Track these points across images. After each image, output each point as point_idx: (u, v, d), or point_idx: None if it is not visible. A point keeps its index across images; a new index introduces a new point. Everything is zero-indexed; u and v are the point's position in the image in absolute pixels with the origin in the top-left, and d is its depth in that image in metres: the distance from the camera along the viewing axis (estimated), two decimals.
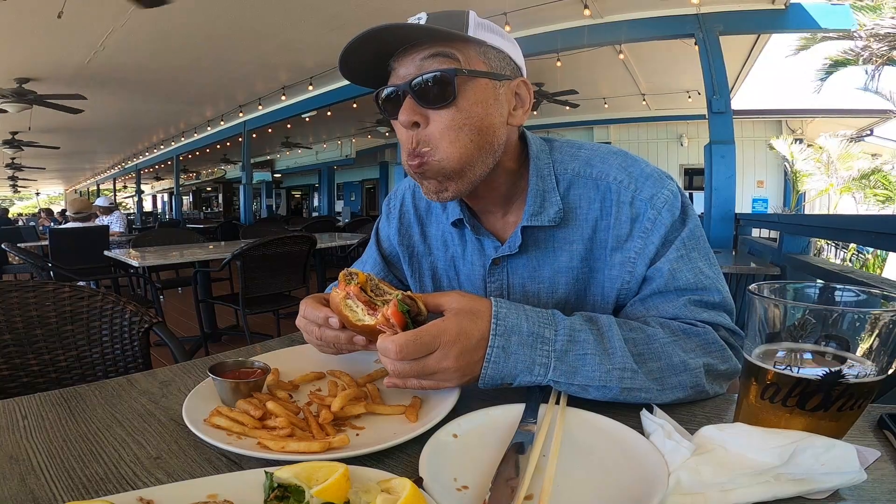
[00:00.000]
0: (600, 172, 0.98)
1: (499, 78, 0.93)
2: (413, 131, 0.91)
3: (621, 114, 12.80)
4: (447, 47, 0.88)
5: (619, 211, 0.96)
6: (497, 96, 0.93)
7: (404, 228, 1.21)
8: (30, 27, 6.74)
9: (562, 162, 1.02)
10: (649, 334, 0.84)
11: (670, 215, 0.93)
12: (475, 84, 0.90)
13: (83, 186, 35.27)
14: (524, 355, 0.77)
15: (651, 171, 0.97)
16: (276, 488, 0.54)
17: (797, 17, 6.50)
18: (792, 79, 10.24)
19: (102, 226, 7.11)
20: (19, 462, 0.67)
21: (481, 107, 0.90)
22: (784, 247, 4.20)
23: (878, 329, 0.58)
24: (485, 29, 0.93)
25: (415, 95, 0.89)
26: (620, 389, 0.78)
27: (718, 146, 5.96)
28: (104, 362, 1.44)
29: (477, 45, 0.91)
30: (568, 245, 1.00)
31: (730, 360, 0.88)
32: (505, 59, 0.95)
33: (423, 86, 0.88)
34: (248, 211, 14.08)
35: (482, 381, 0.78)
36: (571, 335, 0.79)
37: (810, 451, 0.56)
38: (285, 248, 4.22)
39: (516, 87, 0.97)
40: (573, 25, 7.15)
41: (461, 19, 0.91)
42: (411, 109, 0.89)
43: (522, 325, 0.78)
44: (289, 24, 7.33)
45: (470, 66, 0.89)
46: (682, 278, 0.91)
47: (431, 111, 0.89)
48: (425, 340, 0.73)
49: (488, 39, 0.92)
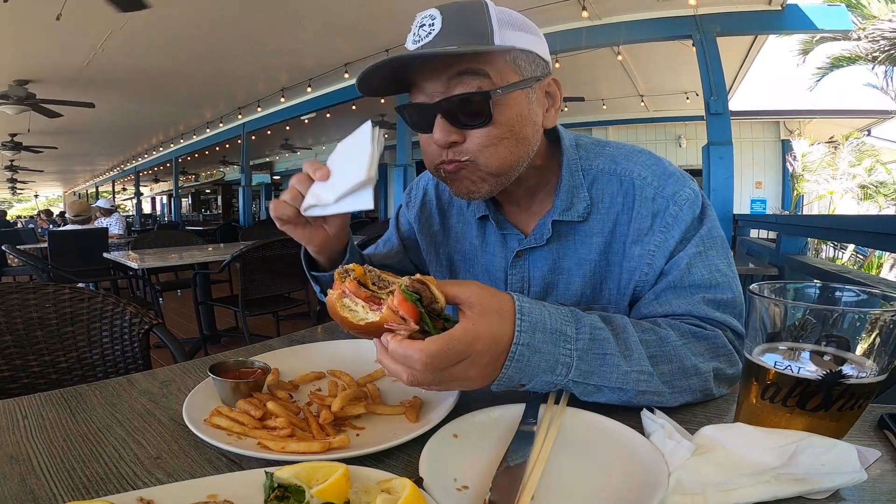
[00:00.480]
0: (625, 169, 0.99)
1: (531, 84, 0.91)
2: (447, 148, 0.89)
3: (620, 115, 12.82)
4: (475, 63, 0.85)
5: (640, 205, 0.96)
6: (531, 103, 0.91)
7: (425, 217, 1.22)
8: (29, 29, 6.73)
9: (587, 158, 1.03)
10: (662, 336, 0.82)
11: (691, 212, 0.93)
12: (510, 98, 0.87)
13: (82, 189, 35.26)
14: (548, 353, 0.71)
15: (674, 170, 0.98)
16: (276, 488, 0.54)
17: (794, 19, 6.53)
18: (789, 80, 10.29)
19: (101, 228, 7.10)
20: (19, 462, 0.67)
21: (518, 118, 0.89)
22: (782, 247, 4.20)
23: (879, 329, 0.58)
24: (509, 27, 0.88)
25: (447, 115, 0.87)
26: (636, 392, 0.76)
27: (716, 147, 5.98)
28: (104, 363, 1.44)
29: (506, 54, 0.87)
30: (588, 238, 1.01)
31: (737, 364, 0.88)
32: (534, 59, 0.91)
33: (456, 107, 0.86)
34: (247, 213, 14.08)
35: (499, 381, 0.71)
36: (592, 333, 0.75)
37: (810, 451, 0.56)
38: (284, 250, 4.21)
39: (546, 86, 0.95)
40: (571, 27, 7.16)
41: (482, 20, 0.85)
42: (447, 130, 0.87)
43: (546, 320, 0.72)
44: (288, 25, 7.32)
45: (501, 79, 0.86)
46: (698, 273, 0.91)
47: (467, 130, 0.88)
48: (458, 349, 0.64)
49: (516, 42, 0.87)
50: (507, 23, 0.87)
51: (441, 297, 0.67)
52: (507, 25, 0.87)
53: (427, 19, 0.86)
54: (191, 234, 6.78)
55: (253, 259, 4.00)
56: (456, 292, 0.69)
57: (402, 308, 0.64)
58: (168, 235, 6.04)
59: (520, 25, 0.90)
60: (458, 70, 0.84)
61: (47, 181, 31.65)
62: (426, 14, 0.87)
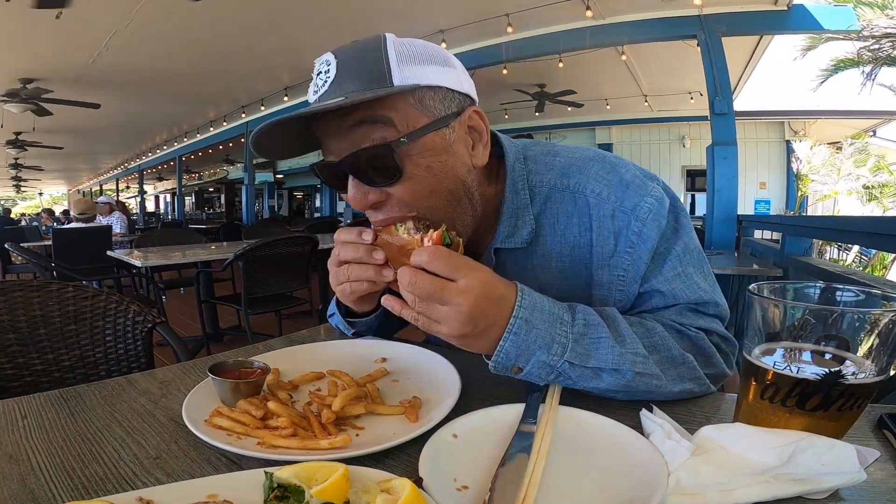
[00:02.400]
0: (577, 184, 0.92)
1: (444, 123, 0.82)
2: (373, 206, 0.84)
3: (623, 115, 12.81)
4: (373, 111, 0.77)
5: (600, 226, 0.90)
6: (450, 144, 0.83)
7: None
8: (33, 28, 6.76)
9: (537, 173, 0.95)
10: (648, 328, 0.84)
11: (657, 226, 0.88)
12: (421, 145, 0.80)
13: (86, 187, 35.35)
14: (545, 331, 0.74)
15: (631, 177, 0.90)
16: (275, 488, 0.54)
17: (800, 19, 6.50)
18: (794, 80, 10.23)
19: (105, 226, 7.14)
20: (19, 462, 0.67)
21: (439, 165, 0.82)
22: (786, 248, 4.19)
23: (878, 329, 0.57)
24: (412, 61, 0.79)
25: (357, 176, 0.81)
26: (634, 374, 0.77)
27: (721, 147, 5.96)
28: (107, 362, 1.44)
29: (409, 95, 0.79)
30: (547, 263, 0.95)
31: (715, 365, 0.88)
32: (446, 95, 0.83)
33: (362, 163, 0.79)
34: (250, 211, 14.12)
35: (497, 356, 0.75)
36: (586, 319, 0.78)
37: (810, 451, 0.56)
38: (287, 248, 4.22)
39: (468, 121, 0.86)
40: (575, 27, 7.17)
41: (378, 58, 0.78)
42: (362, 191, 0.81)
43: (544, 304, 0.76)
44: (291, 25, 7.34)
45: (408, 124, 0.78)
46: (682, 296, 0.89)
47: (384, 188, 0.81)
48: (458, 262, 0.71)
49: (421, 79, 0.79)
50: (408, 58, 0.79)
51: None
52: (409, 60, 0.79)
53: (323, 66, 0.80)
54: (194, 232, 6.80)
55: (256, 257, 4.01)
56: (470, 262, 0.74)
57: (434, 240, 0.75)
58: (171, 234, 6.05)
59: (427, 58, 0.81)
60: (355, 120, 0.78)
61: (52, 179, 31.77)
62: (322, 60, 0.81)
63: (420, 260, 0.71)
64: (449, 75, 0.83)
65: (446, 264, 0.71)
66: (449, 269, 0.71)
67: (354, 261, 0.84)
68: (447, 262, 0.71)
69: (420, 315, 0.73)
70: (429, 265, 0.71)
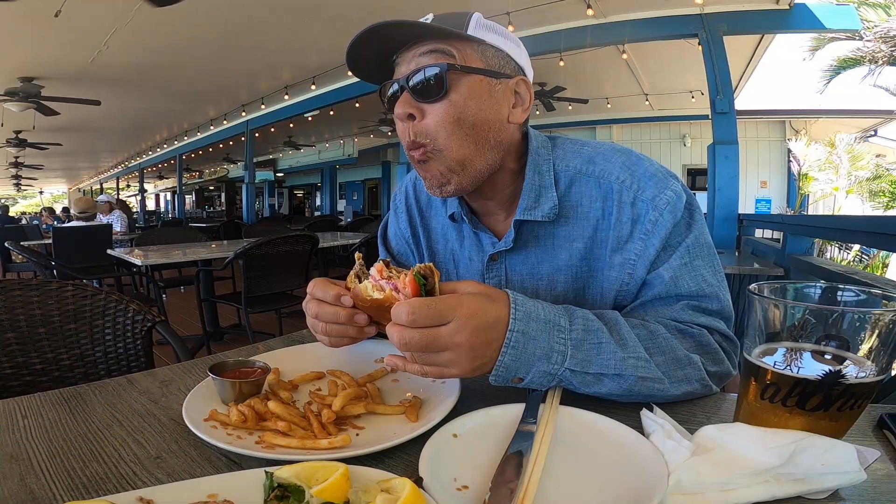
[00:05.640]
0: (602, 171, 0.97)
1: (495, 76, 0.93)
2: (408, 123, 0.92)
3: (624, 114, 12.80)
4: (443, 44, 0.90)
5: (620, 211, 0.94)
6: (493, 93, 0.93)
7: (413, 220, 1.21)
8: (33, 26, 6.76)
9: (564, 158, 1.01)
10: (652, 330, 0.84)
11: (672, 217, 0.91)
12: (469, 80, 0.91)
13: (87, 185, 35.39)
14: (543, 341, 0.74)
15: (655, 170, 0.95)
16: (276, 488, 0.54)
17: (802, 18, 6.48)
18: (796, 79, 10.21)
19: (106, 224, 7.13)
20: (19, 462, 0.67)
21: (475, 102, 0.91)
22: (788, 247, 4.18)
23: (879, 329, 0.57)
24: (486, 29, 0.93)
25: (410, 90, 0.91)
26: (636, 378, 0.77)
27: (722, 146, 5.94)
28: (107, 361, 1.44)
29: (475, 43, 0.92)
30: (568, 243, 0.99)
31: (722, 362, 0.88)
32: (504, 58, 0.95)
33: (418, 80, 0.90)
34: (250, 210, 14.11)
35: (496, 370, 0.74)
36: (586, 325, 0.78)
37: (810, 451, 0.56)
38: (288, 247, 4.22)
39: (515, 86, 0.96)
40: (576, 25, 7.14)
41: (462, 18, 0.92)
42: (407, 102, 0.91)
43: (539, 311, 0.76)
44: (292, 23, 7.33)
45: (465, 62, 0.90)
46: (684, 286, 0.90)
47: (426, 105, 0.91)
48: (440, 308, 0.69)
49: (488, 38, 0.93)
50: (486, 26, 0.94)
51: (438, 291, 0.75)
52: (485, 27, 0.93)
53: (423, 19, 0.92)
54: (194, 230, 6.81)
55: (256, 256, 4.01)
56: (455, 285, 0.76)
57: (409, 285, 0.73)
58: (172, 232, 6.06)
59: (498, 31, 0.95)
60: (428, 49, 0.90)
61: (52, 178, 31.78)
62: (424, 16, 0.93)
63: (401, 321, 0.69)
64: (512, 48, 0.97)
65: (429, 315, 0.69)
66: (433, 318, 0.69)
67: (334, 323, 0.86)
68: (428, 313, 0.69)
69: (425, 366, 0.73)
70: (413, 324, 0.69)
